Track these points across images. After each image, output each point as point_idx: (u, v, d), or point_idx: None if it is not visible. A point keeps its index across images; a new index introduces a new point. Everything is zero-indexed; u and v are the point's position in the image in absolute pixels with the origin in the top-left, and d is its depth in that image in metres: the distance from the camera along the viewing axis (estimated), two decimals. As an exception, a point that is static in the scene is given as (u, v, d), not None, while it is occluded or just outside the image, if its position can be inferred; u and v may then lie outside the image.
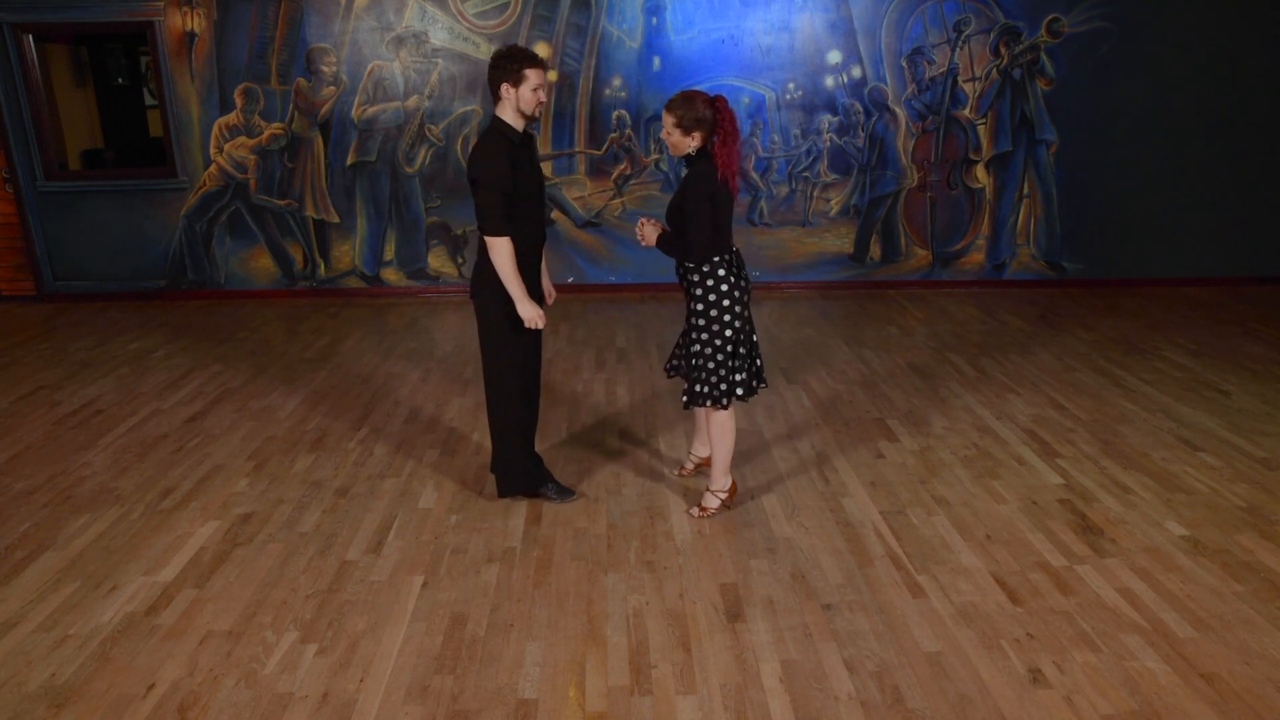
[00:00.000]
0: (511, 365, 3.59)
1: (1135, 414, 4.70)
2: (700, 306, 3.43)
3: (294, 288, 7.39)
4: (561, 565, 3.34)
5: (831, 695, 2.63)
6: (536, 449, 3.94)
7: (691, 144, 3.34)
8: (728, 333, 3.43)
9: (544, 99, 3.37)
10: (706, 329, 3.44)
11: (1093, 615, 2.99)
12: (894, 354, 5.79)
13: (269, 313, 6.99)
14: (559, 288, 6.94)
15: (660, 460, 4.23)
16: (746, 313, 3.48)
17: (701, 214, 3.30)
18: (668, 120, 3.32)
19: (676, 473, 4.08)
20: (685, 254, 3.36)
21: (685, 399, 3.56)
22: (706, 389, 3.49)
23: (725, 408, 3.53)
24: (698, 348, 3.47)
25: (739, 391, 3.52)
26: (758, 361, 3.60)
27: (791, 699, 2.62)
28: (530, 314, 3.41)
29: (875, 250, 7.40)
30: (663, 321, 6.60)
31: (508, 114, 3.36)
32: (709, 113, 3.31)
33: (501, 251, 3.33)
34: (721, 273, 3.40)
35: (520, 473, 3.76)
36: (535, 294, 3.57)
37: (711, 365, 3.47)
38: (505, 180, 3.28)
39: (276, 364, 5.72)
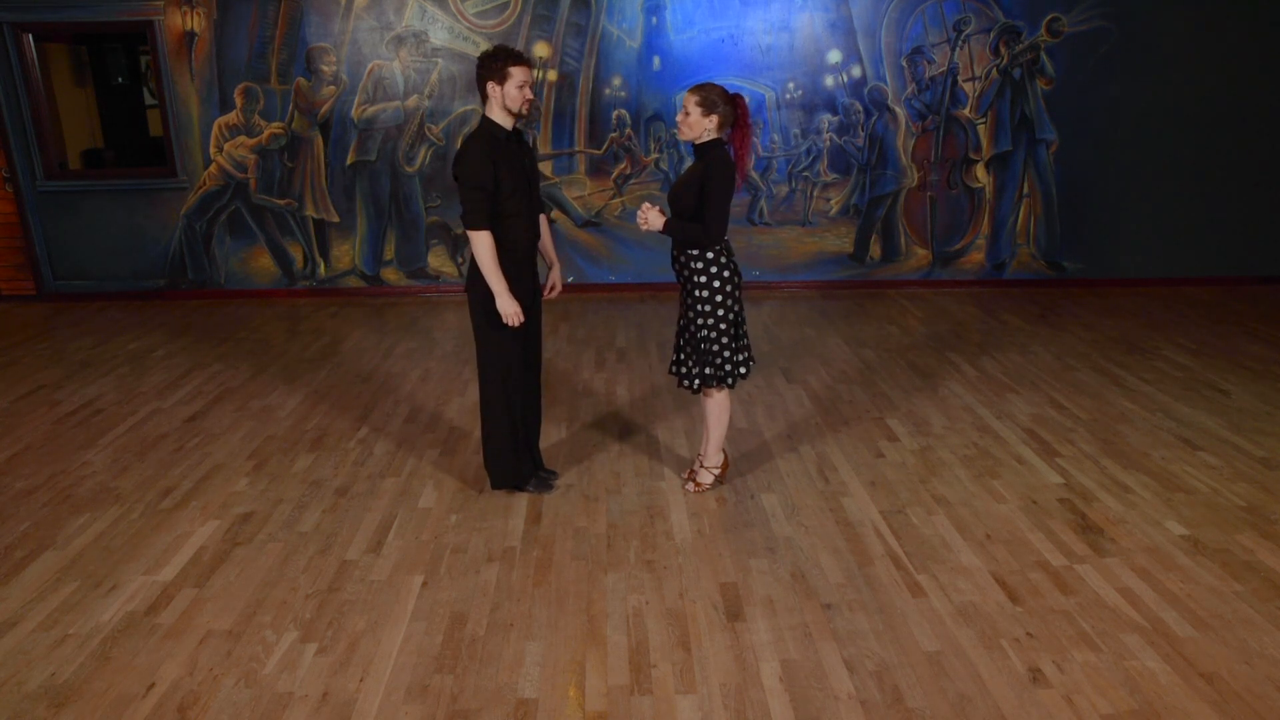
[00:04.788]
0: (501, 359, 3.62)
1: (1135, 413, 4.70)
2: (705, 293, 3.54)
3: (294, 287, 7.39)
4: (561, 565, 3.34)
5: (831, 695, 2.63)
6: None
7: (708, 126, 3.41)
8: (730, 316, 3.58)
9: (531, 96, 3.42)
10: (712, 314, 3.56)
11: (1093, 615, 2.99)
12: (894, 353, 5.79)
13: (269, 312, 6.99)
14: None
15: (660, 460, 4.23)
16: (740, 295, 3.66)
17: (725, 196, 3.41)
18: (689, 100, 3.40)
19: (689, 487, 3.94)
20: (704, 236, 3.43)
21: (696, 383, 3.67)
22: (711, 370, 3.64)
23: (732, 386, 3.70)
24: (705, 332, 3.59)
25: (743, 370, 3.70)
26: (746, 341, 3.77)
27: (791, 698, 2.62)
28: (508, 310, 3.46)
29: (875, 250, 7.40)
30: (662, 321, 6.59)
31: (495, 113, 3.44)
32: (728, 106, 3.42)
33: (481, 245, 3.42)
34: (723, 259, 3.53)
35: (508, 466, 3.80)
36: (527, 289, 3.61)
37: (716, 348, 3.61)
38: (485, 177, 3.36)
39: (276, 363, 5.72)
